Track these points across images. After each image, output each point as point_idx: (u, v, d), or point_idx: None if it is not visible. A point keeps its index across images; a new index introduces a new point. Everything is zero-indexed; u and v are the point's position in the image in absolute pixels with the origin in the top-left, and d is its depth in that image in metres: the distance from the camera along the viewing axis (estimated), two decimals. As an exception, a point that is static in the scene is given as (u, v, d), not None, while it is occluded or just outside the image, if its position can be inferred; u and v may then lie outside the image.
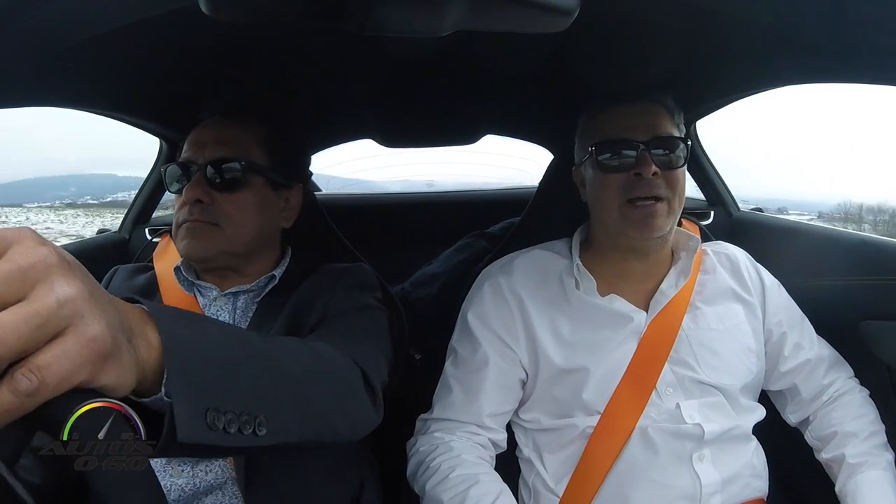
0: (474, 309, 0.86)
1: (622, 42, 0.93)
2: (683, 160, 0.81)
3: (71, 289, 0.30)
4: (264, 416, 0.43)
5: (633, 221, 0.79)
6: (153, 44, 0.77)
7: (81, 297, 0.30)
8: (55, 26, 0.59)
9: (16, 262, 0.29)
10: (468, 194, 1.87)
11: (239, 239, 0.79)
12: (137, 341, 0.36)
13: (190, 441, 0.37)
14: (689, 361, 0.80)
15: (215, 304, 0.81)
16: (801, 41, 0.70)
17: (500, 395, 0.83)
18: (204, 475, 0.72)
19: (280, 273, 0.84)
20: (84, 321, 0.30)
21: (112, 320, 0.32)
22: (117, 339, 0.32)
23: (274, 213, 0.85)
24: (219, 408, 0.39)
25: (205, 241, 0.77)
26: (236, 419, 0.40)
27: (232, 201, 0.78)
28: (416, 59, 1.04)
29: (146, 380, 0.37)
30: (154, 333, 0.37)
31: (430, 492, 0.75)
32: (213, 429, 0.38)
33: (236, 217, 0.78)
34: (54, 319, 0.29)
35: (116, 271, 0.91)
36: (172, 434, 0.36)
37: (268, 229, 0.84)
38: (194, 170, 0.78)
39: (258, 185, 0.81)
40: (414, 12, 0.53)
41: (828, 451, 0.83)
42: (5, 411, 0.27)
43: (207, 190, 0.77)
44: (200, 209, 0.77)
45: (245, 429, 0.41)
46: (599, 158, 0.82)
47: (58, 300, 0.29)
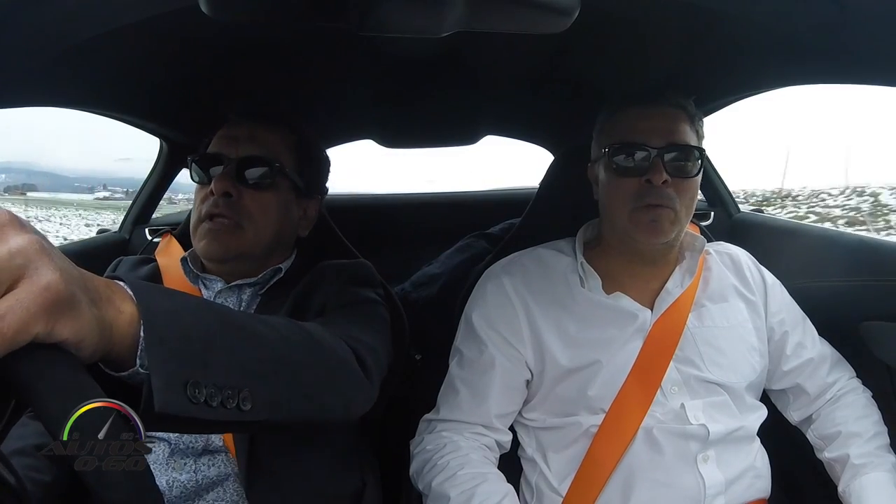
0: (478, 310, 0.86)
1: (621, 43, 0.93)
2: (698, 170, 0.80)
3: (22, 240, 0.31)
4: (248, 391, 0.42)
5: (640, 224, 0.79)
6: (154, 44, 0.77)
7: (33, 247, 0.31)
8: (56, 26, 0.59)
9: None
10: (468, 194, 1.87)
11: (258, 241, 0.80)
12: (103, 305, 0.35)
13: (168, 412, 0.36)
14: (694, 360, 0.80)
15: (220, 297, 0.82)
16: (801, 42, 0.70)
17: (507, 395, 0.83)
18: (206, 470, 0.72)
19: (286, 267, 0.84)
20: (38, 271, 0.31)
21: (69, 274, 0.32)
22: (73, 292, 0.32)
23: (293, 220, 0.86)
24: (200, 381, 0.39)
25: (226, 242, 0.78)
26: (218, 392, 0.40)
27: (257, 200, 0.79)
28: (416, 60, 1.04)
29: (120, 351, 0.36)
30: (126, 303, 0.37)
31: (436, 488, 0.75)
32: (195, 401, 0.38)
33: (259, 217, 0.79)
34: (7, 269, 0.30)
35: (120, 262, 0.91)
36: (150, 405, 0.36)
37: (285, 235, 0.85)
38: (226, 164, 0.79)
39: (284, 190, 0.82)
40: (414, 12, 0.53)
41: (831, 450, 0.83)
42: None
43: (236, 184, 0.78)
44: (226, 203, 0.77)
45: (228, 403, 0.41)
46: (612, 161, 0.81)
47: (10, 251, 0.30)
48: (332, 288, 0.79)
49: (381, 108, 1.35)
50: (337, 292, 0.78)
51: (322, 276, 0.81)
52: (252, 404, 0.42)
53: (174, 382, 0.37)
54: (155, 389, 0.36)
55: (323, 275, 0.82)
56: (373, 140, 1.56)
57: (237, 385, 0.42)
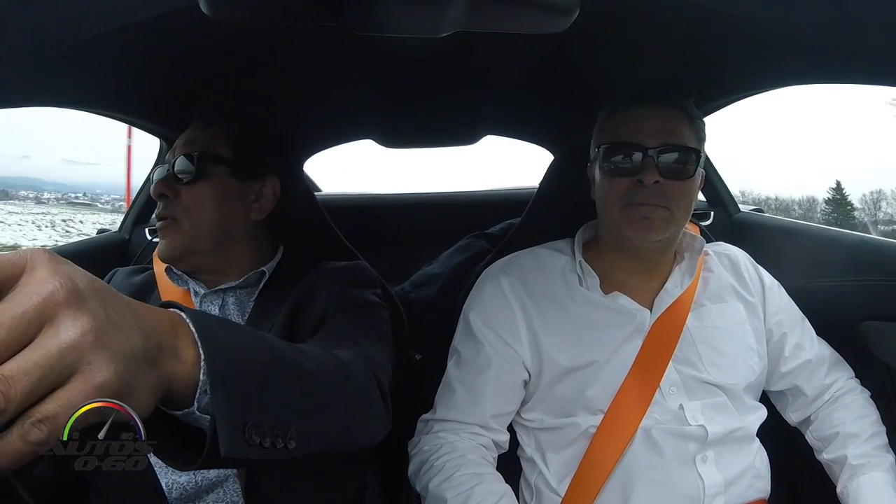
0: (476, 309, 0.86)
1: (621, 42, 0.93)
2: (692, 172, 0.79)
3: (76, 332, 0.28)
4: (295, 430, 0.43)
5: (632, 220, 0.79)
6: (153, 44, 0.77)
7: (87, 340, 0.29)
8: (55, 26, 0.59)
9: (20, 306, 0.28)
10: (468, 194, 1.87)
11: (198, 233, 0.80)
12: (166, 359, 0.35)
13: (231, 457, 0.37)
14: (693, 360, 0.80)
15: (205, 302, 0.82)
16: (802, 42, 0.70)
17: (504, 395, 0.83)
18: (206, 472, 0.72)
19: (270, 269, 0.84)
20: (90, 368, 0.29)
21: (129, 353, 0.31)
22: (129, 382, 0.31)
23: (241, 205, 0.84)
24: (256, 423, 0.39)
25: (169, 239, 0.80)
26: (270, 432, 0.40)
27: (190, 193, 0.80)
28: (415, 60, 1.04)
29: (177, 395, 0.36)
30: (189, 349, 0.36)
31: (433, 490, 0.75)
32: (251, 444, 0.38)
33: (193, 209, 0.79)
34: (57, 369, 0.28)
35: (115, 273, 0.91)
36: (215, 450, 0.36)
37: (232, 221, 0.83)
38: (168, 169, 0.82)
39: (220, 176, 0.82)
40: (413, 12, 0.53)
41: (829, 451, 0.83)
42: (18, 458, 0.28)
43: (172, 185, 0.80)
44: (165, 204, 0.80)
45: (277, 443, 0.41)
46: (605, 160, 0.81)
47: (60, 349, 0.28)
48: (332, 292, 0.78)
49: (380, 108, 1.35)
50: (338, 296, 0.78)
51: (321, 280, 0.81)
52: (297, 443, 0.43)
53: (236, 426, 0.38)
54: (220, 435, 0.36)
55: (322, 278, 0.81)
56: (373, 140, 1.56)
57: (287, 424, 0.42)
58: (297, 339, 0.75)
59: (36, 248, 0.30)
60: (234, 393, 0.38)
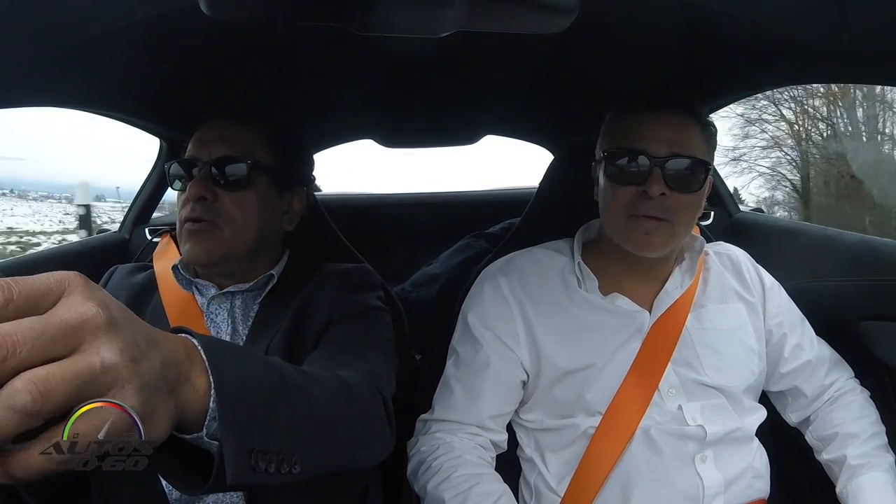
0: (474, 309, 0.86)
1: (621, 42, 0.93)
2: (700, 185, 0.76)
3: (114, 355, 0.30)
4: (300, 455, 0.43)
5: (633, 235, 0.77)
6: (153, 44, 0.77)
7: (124, 363, 0.30)
8: (55, 26, 0.59)
9: (64, 321, 0.28)
10: (468, 194, 1.87)
11: (240, 241, 0.78)
12: (181, 388, 0.35)
13: (237, 483, 0.38)
14: (692, 362, 0.80)
15: (213, 303, 0.81)
16: (802, 42, 0.70)
17: (502, 396, 0.82)
18: None
19: (278, 272, 0.83)
20: (123, 391, 0.30)
21: (153, 382, 0.32)
22: (152, 407, 0.32)
23: (277, 215, 0.85)
24: (263, 449, 0.40)
25: (206, 244, 0.76)
26: (275, 458, 0.41)
27: (235, 200, 0.77)
28: (416, 60, 1.04)
29: (187, 421, 0.37)
30: (201, 377, 0.37)
31: (431, 491, 0.75)
32: (257, 470, 0.39)
33: (238, 217, 0.77)
34: (96, 383, 0.29)
35: (115, 270, 0.90)
36: (221, 477, 0.37)
37: (269, 231, 0.83)
38: (199, 167, 0.78)
39: (263, 186, 0.80)
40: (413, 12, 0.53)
41: (829, 451, 0.83)
42: (42, 470, 0.28)
43: (211, 187, 0.76)
44: (203, 207, 0.76)
45: (282, 468, 0.42)
46: (610, 165, 0.79)
47: (102, 364, 0.29)
48: (336, 298, 0.78)
49: (380, 108, 1.35)
50: (342, 303, 0.78)
51: (324, 284, 0.81)
52: (301, 467, 0.43)
53: (242, 453, 0.38)
54: (227, 463, 0.37)
55: (325, 282, 0.81)
56: (373, 140, 1.57)
57: (292, 450, 0.43)
58: (301, 348, 0.75)
59: (71, 272, 0.31)
60: (242, 421, 0.39)
